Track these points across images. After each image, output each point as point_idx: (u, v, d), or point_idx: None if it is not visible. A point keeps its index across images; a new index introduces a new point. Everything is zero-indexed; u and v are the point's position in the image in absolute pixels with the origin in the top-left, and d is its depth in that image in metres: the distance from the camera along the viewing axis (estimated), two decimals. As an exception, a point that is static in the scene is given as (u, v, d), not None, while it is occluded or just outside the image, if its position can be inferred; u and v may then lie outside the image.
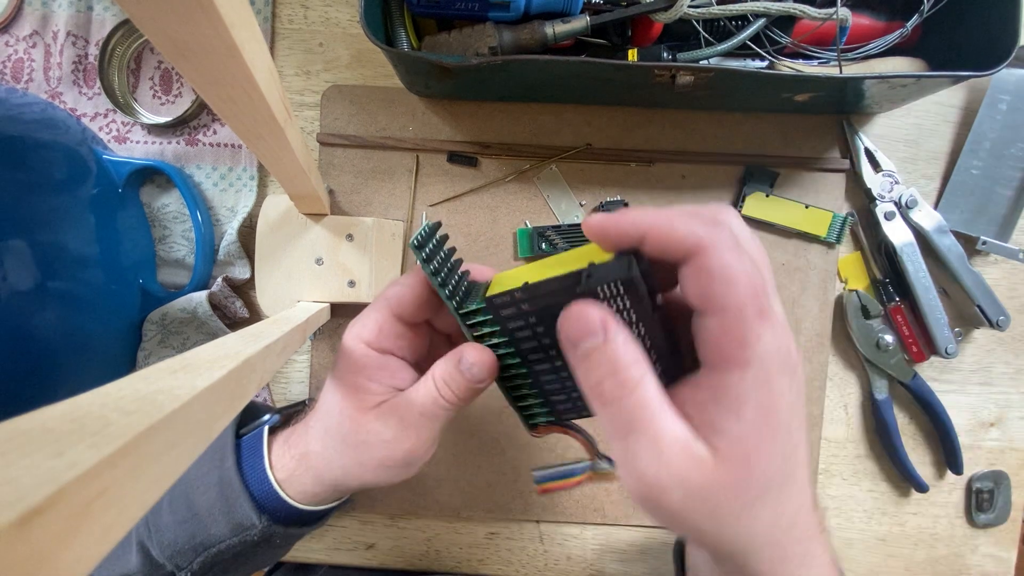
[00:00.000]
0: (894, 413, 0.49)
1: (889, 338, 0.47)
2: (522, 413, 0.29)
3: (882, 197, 0.47)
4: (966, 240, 0.47)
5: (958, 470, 0.49)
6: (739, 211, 0.47)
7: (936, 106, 0.49)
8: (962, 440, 0.49)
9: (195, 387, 0.17)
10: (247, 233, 0.47)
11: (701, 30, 0.40)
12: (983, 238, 0.47)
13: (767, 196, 0.47)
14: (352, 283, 0.44)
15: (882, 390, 0.49)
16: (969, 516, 0.50)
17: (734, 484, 0.20)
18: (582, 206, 0.48)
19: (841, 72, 0.40)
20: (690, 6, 0.38)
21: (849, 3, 0.40)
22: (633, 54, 0.41)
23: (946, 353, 0.46)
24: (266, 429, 0.34)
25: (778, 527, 0.22)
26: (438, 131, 0.48)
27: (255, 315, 0.48)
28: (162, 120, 0.47)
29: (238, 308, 0.46)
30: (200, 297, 0.44)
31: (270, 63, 0.25)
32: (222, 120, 0.43)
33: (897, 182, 0.47)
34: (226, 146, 0.47)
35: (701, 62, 0.41)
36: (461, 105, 0.47)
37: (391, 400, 0.29)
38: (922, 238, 0.47)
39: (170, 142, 0.47)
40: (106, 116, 0.47)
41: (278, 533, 0.33)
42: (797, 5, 0.39)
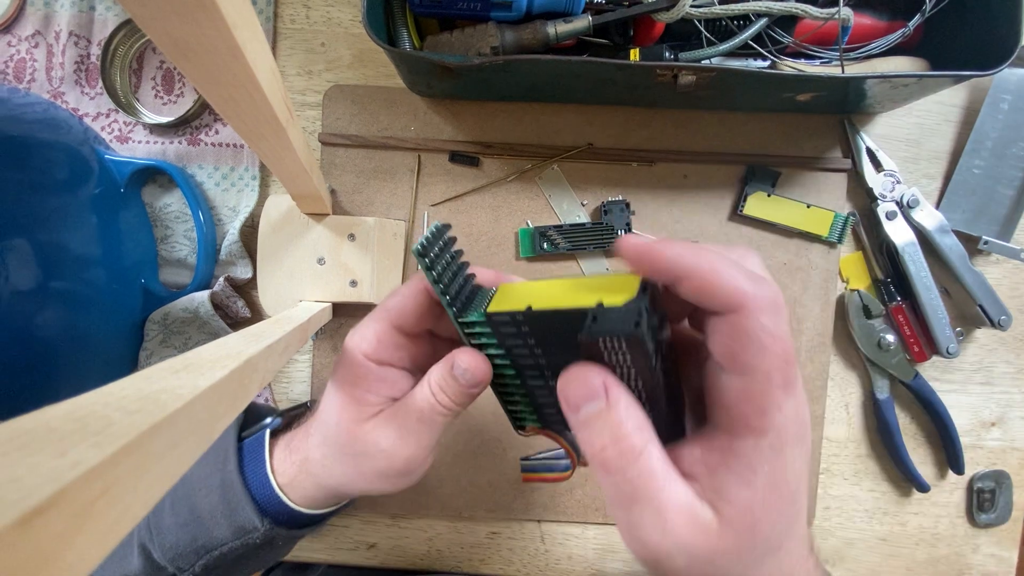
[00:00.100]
0: (895, 413, 0.49)
1: (890, 338, 0.47)
2: (511, 414, 0.29)
3: (884, 197, 0.47)
4: (968, 240, 0.47)
5: (959, 470, 0.49)
6: (741, 211, 0.47)
7: (938, 106, 0.49)
8: (963, 440, 0.49)
9: (197, 387, 0.17)
10: (249, 233, 0.47)
11: (703, 30, 0.40)
12: (985, 238, 0.47)
13: (769, 196, 0.47)
14: (354, 283, 0.44)
15: (883, 390, 0.48)
16: (970, 516, 0.50)
17: (738, 549, 0.20)
18: (584, 206, 0.48)
19: (843, 72, 0.40)
20: (692, 6, 0.38)
21: (851, 3, 0.40)
22: (635, 54, 0.41)
23: (947, 353, 0.46)
24: (268, 432, 0.34)
25: None
26: (440, 131, 0.48)
27: (257, 315, 0.48)
28: (164, 120, 0.47)
29: (240, 308, 0.46)
30: (202, 297, 0.44)
31: (272, 63, 0.25)
32: (224, 120, 0.43)
33: (899, 182, 0.47)
34: (228, 146, 0.47)
35: (703, 62, 0.41)
36: (463, 105, 0.47)
37: (388, 410, 0.29)
38: (924, 238, 0.47)
39: (172, 142, 0.47)
40: (108, 116, 0.47)
41: (280, 536, 0.33)
42: (799, 5, 0.39)
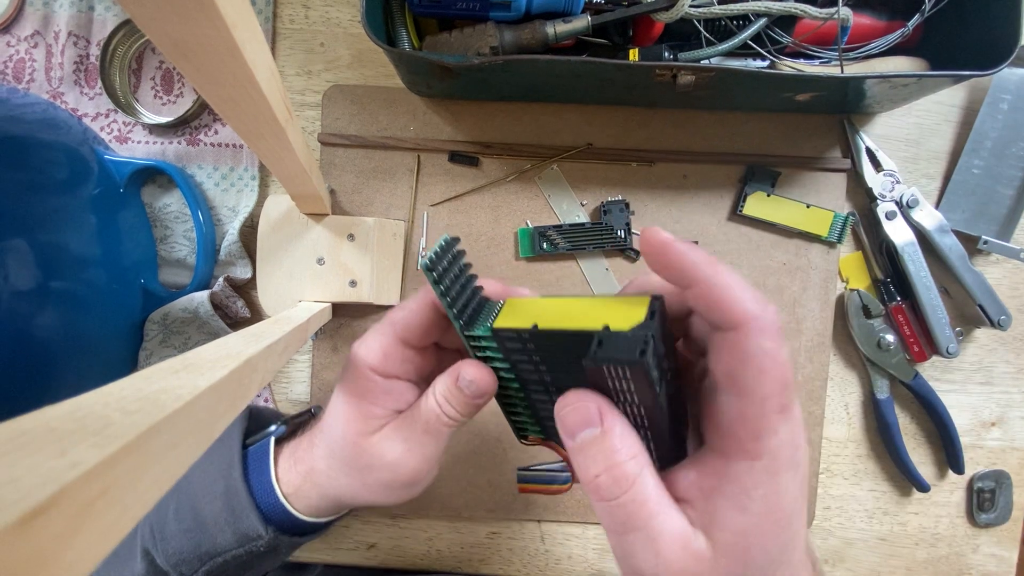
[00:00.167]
0: (895, 413, 0.49)
1: (890, 338, 0.47)
2: (514, 424, 0.29)
3: (883, 197, 0.47)
4: (967, 239, 0.47)
5: (959, 470, 0.49)
6: (740, 211, 0.47)
7: (937, 105, 0.49)
8: (963, 440, 0.49)
9: (197, 387, 0.17)
10: (248, 233, 0.47)
11: (702, 30, 0.40)
12: (984, 237, 0.47)
13: (768, 196, 0.47)
14: (353, 283, 0.44)
15: (883, 390, 0.49)
16: (970, 516, 0.50)
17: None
18: (583, 206, 0.48)
19: (842, 72, 0.40)
20: (691, 6, 0.38)
21: (850, 3, 0.40)
22: (634, 54, 0.41)
23: (947, 353, 0.46)
24: (272, 441, 0.34)
25: None
26: (439, 131, 0.48)
27: (256, 315, 0.48)
28: (163, 120, 0.47)
29: (239, 308, 0.46)
30: (202, 297, 0.44)
31: (271, 63, 0.25)
32: (223, 120, 0.43)
33: (898, 182, 0.47)
34: (227, 146, 0.47)
35: (702, 62, 0.41)
36: (462, 105, 0.47)
37: (394, 421, 0.29)
38: (923, 238, 0.47)
39: (171, 142, 0.47)
40: (107, 116, 0.47)
41: (284, 543, 0.33)
42: (798, 5, 0.39)
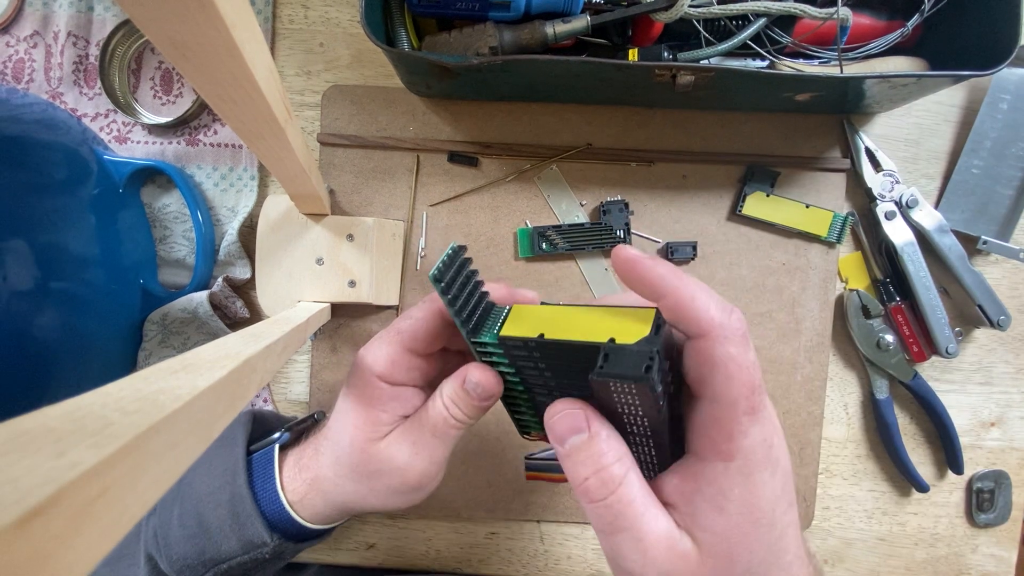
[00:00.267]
0: (895, 413, 0.49)
1: (890, 338, 0.47)
2: (518, 422, 0.29)
3: (883, 197, 0.47)
4: (967, 240, 0.47)
5: (959, 470, 0.49)
6: (740, 211, 0.47)
7: (937, 105, 0.49)
8: (963, 440, 0.49)
9: (196, 387, 0.17)
10: (248, 233, 0.47)
11: (702, 30, 0.40)
12: (984, 237, 0.47)
13: (768, 196, 0.47)
14: (353, 283, 0.44)
15: (883, 390, 0.49)
16: (970, 516, 0.50)
17: None
18: (583, 206, 0.48)
19: (842, 72, 0.40)
20: (691, 6, 0.38)
21: (850, 3, 0.40)
22: (634, 54, 0.41)
23: (947, 353, 0.46)
24: (276, 448, 0.34)
25: None
26: (439, 131, 0.48)
27: (256, 315, 0.48)
28: (163, 120, 0.47)
29: (239, 308, 0.46)
30: (201, 297, 0.44)
31: (270, 63, 0.25)
32: (223, 120, 0.43)
33: (898, 182, 0.47)
34: (227, 146, 0.47)
35: (702, 62, 0.41)
36: (461, 105, 0.47)
37: (401, 426, 0.30)
38: (923, 238, 0.47)
39: (171, 142, 0.47)
40: (107, 116, 0.47)
41: (289, 549, 0.33)
42: (798, 5, 0.39)
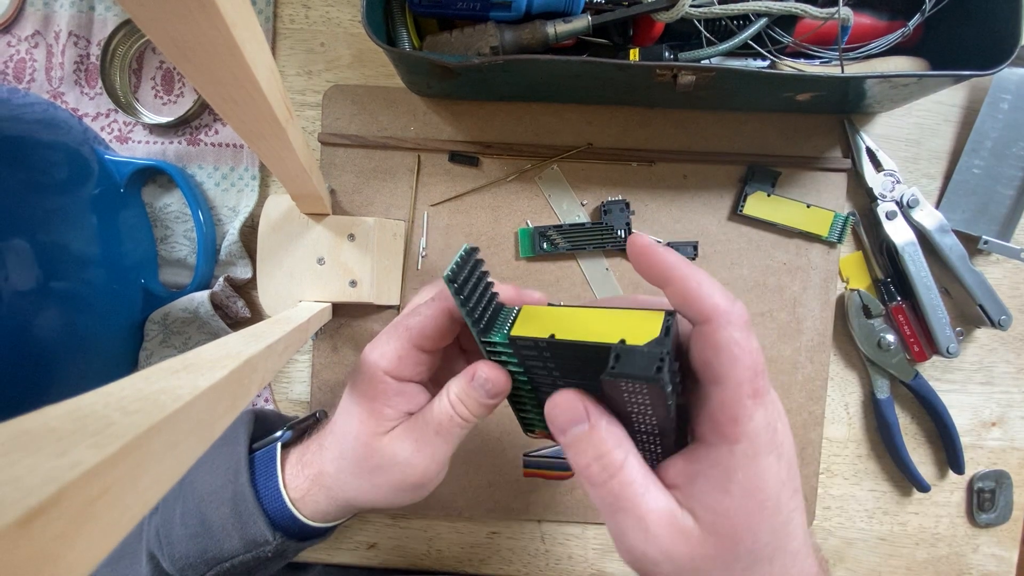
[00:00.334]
0: (895, 413, 0.49)
1: (890, 338, 0.47)
2: (522, 419, 0.30)
3: (883, 196, 0.47)
4: (968, 239, 0.47)
5: (960, 470, 0.49)
6: (741, 211, 0.47)
7: (937, 105, 0.49)
8: (964, 440, 0.49)
9: (197, 387, 0.17)
10: (249, 233, 0.47)
11: (703, 30, 0.40)
12: (985, 237, 0.47)
13: (769, 196, 0.47)
14: (354, 283, 0.44)
15: (884, 390, 0.48)
16: (971, 516, 0.50)
17: (722, 558, 0.21)
18: (583, 206, 0.48)
19: (843, 71, 0.40)
20: (692, 6, 0.38)
21: (851, 2, 0.40)
22: (635, 54, 0.41)
23: (948, 353, 0.46)
24: (279, 446, 0.34)
25: None
26: (439, 131, 0.48)
27: (257, 315, 0.48)
28: (164, 120, 0.47)
29: (240, 308, 0.46)
30: (202, 297, 0.44)
31: (271, 63, 0.25)
32: (224, 120, 0.43)
33: (898, 181, 0.47)
34: (228, 146, 0.47)
35: (703, 62, 0.41)
36: (462, 105, 0.47)
37: (405, 423, 0.30)
38: (924, 238, 0.47)
39: (172, 142, 0.47)
40: (108, 116, 0.47)
41: (291, 548, 0.33)
42: (799, 4, 0.39)
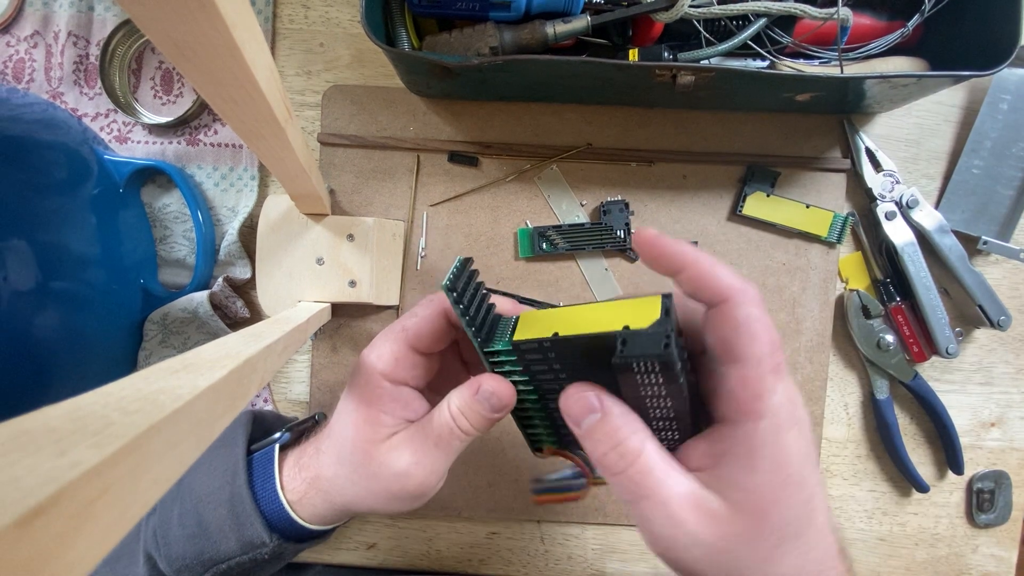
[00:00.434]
0: (895, 413, 0.49)
1: (890, 338, 0.47)
2: (529, 437, 0.29)
3: (883, 197, 0.47)
4: (967, 240, 0.47)
5: (959, 470, 0.49)
6: (740, 211, 0.47)
7: (937, 106, 0.49)
8: (963, 440, 0.49)
9: (196, 387, 0.17)
10: (248, 233, 0.47)
11: (702, 30, 0.40)
12: (984, 238, 0.47)
13: (768, 196, 0.47)
14: (353, 283, 0.44)
15: (883, 390, 0.49)
16: (970, 516, 0.50)
17: (751, 535, 0.21)
18: (583, 206, 0.48)
19: (842, 72, 0.40)
20: (691, 6, 0.38)
21: (850, 3, 0.40)
22: (634, 54, 0.41)
23: (947, 353, 0.46)
24: (276, 448, 0.34)
25: (806, 574, 0.22)
26: (439, 131, 0.48)
27: (256, 315, 0.48)
28: (163, 120, 0.47)
29: (239, 308, 0.46)
30: (201, 297, 0.44)
31: (271, 63, 0.25)
32: (223, 120, 0.43)
33: (898, 182, 0.47)
34: (227, 146, 0.47)
35: (702, 62, 0.41)
36: (462, 105, 0.47)
37: (404, 431, 0.29)
38: (923, 238, 0.47)
39: (171, 142, 0.47)
40: (107, 116, 0.47)
41: (288, 550, 0.33)
42: (798, 5, 0.39)
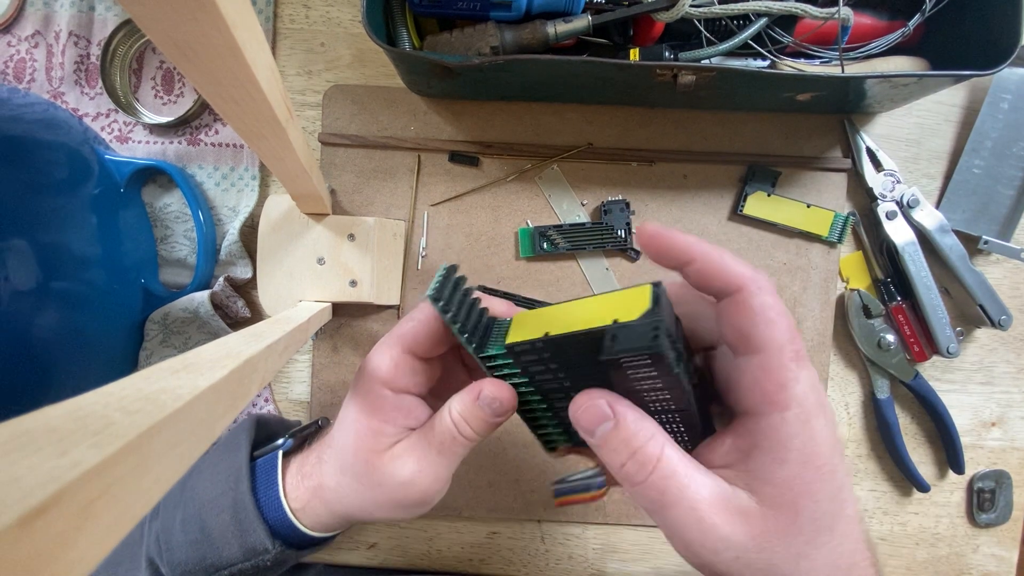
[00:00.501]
0: (895, 413, 0.49)
1: (891, 337, 0.47)
2: (541, 438, 0.29)
3: (884, 196, 0.47)
4: (968, 239, 0.47)
5: (960, 470, 0.49)
6: (741, 211, 0.47)
7: (938, 105, 0.49)
8: (964, 440, 0.49)
9: (197, 387, 0.17)
10: (249, 233, 0.47)
11: (703, 29, 0.40)
12: (985, 237, 0.47)
13: (769, 196, 0.47)
14: (354, 283, 0.44)
15: (884, 390, 0.48)
16: (971, 516, 0.50)
17: (785, 531, 0.20)
18: (583, 205, 0.48)
19: (843, 71, 0.40)
20: (692, 5, 0.38)
21: (851, 2, 0.40)
22: (635, 53, 0.41)
23: (948, 353, 0.46)
24: (280, 454, 0.34)
25: (839, 568, 0.21)
26: (440, 131, 0.48)
27: (257, 315, 0.48)
28: (164, 120, 0.47)
29: (240, 308, 0.46)
30: (202, 297, 0.44)
31: (272, 63, 0.25)
32: (224, 120, 0.43)
33: (899, 181, 0.47)
34: (228, 146, 0.47)
35: (703, 62, 0.41)
36: (463, 105, 0.47)
37: (406, 440, 0.29)
38: (924, 237, 0.46)
39: (172, 142, 0.47)
40: (108, 116, 0.47)
41: (291, 556, 0.33)
42: (799, 4, 0.39)
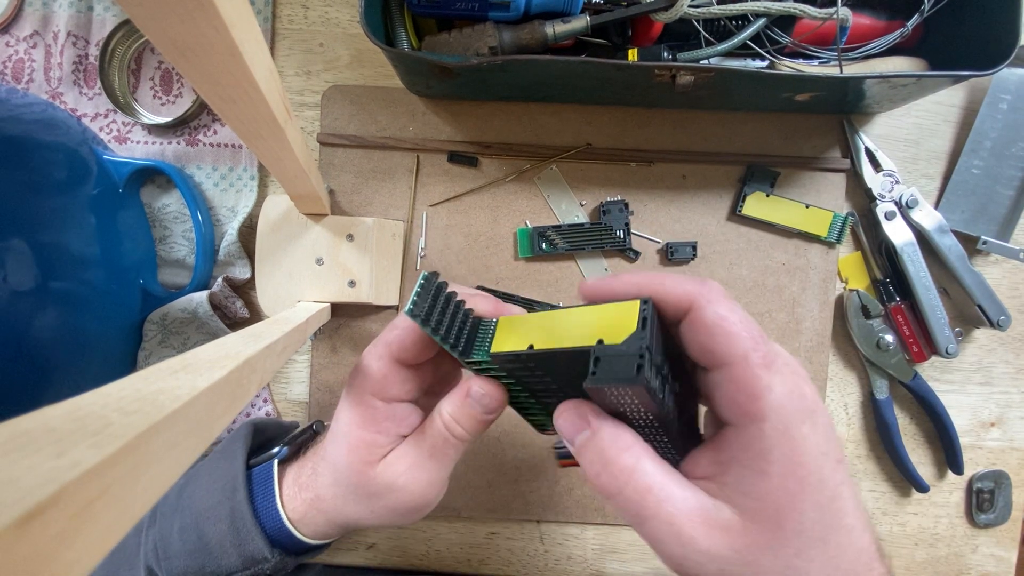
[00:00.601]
0: (895, 413, 0.49)
1: (889, 338, 0.47)
2: (532, 422, 0.29)
3: (883, 197, 0.47)
4: (967, 240, 0.47)
5: (959, 470, 0.49)
6: (740, 211, 0.47)
7: (937, 106, 0.49)
8: (963, 440, 0.49)
9: (196, 387, 0.17)
10: (247, 233, 0.47)
11: (701, 30, 0.40)
12: (984, 238, 0.47)
13: (768, 196, 0.47)
14: (352, 283, 0.44)
15: (883, 390, 0.49)
16: (970, 516, 0.50)
17: (769, 544, 0.20)
18: (582, 206, 0.48)
19: (842, 72, 0.40)
20: (690, 6, 0.38)
21: (849, 3, 0.40)
22: (633, 54, 0.41)
23: (947, 353, 0.46)
24: (276, 463, 0.34)
25: None
26: (438, 131, 0.48)
27: (255, 315, 0.48)
28: (162, 120, 0.47)
29: (238, 308, 0.46)
30: (201, 297, 0.44)
31: (270, 63, 0.25)
32: (222, 120, 0.43)
33: (898, 182, 0.47)
34: (226, 146, 0.47)
35: (701, 62, 0.41)
36: (461, 105, 0.47)
37: (399, 448, 0.29)
38: (923, 238, 0.47)
39: (170, 142, 0.47)
40: (107, 116, 0.47)
41: (290, 563, 0.33)
42: (797, 5, 0.39)
